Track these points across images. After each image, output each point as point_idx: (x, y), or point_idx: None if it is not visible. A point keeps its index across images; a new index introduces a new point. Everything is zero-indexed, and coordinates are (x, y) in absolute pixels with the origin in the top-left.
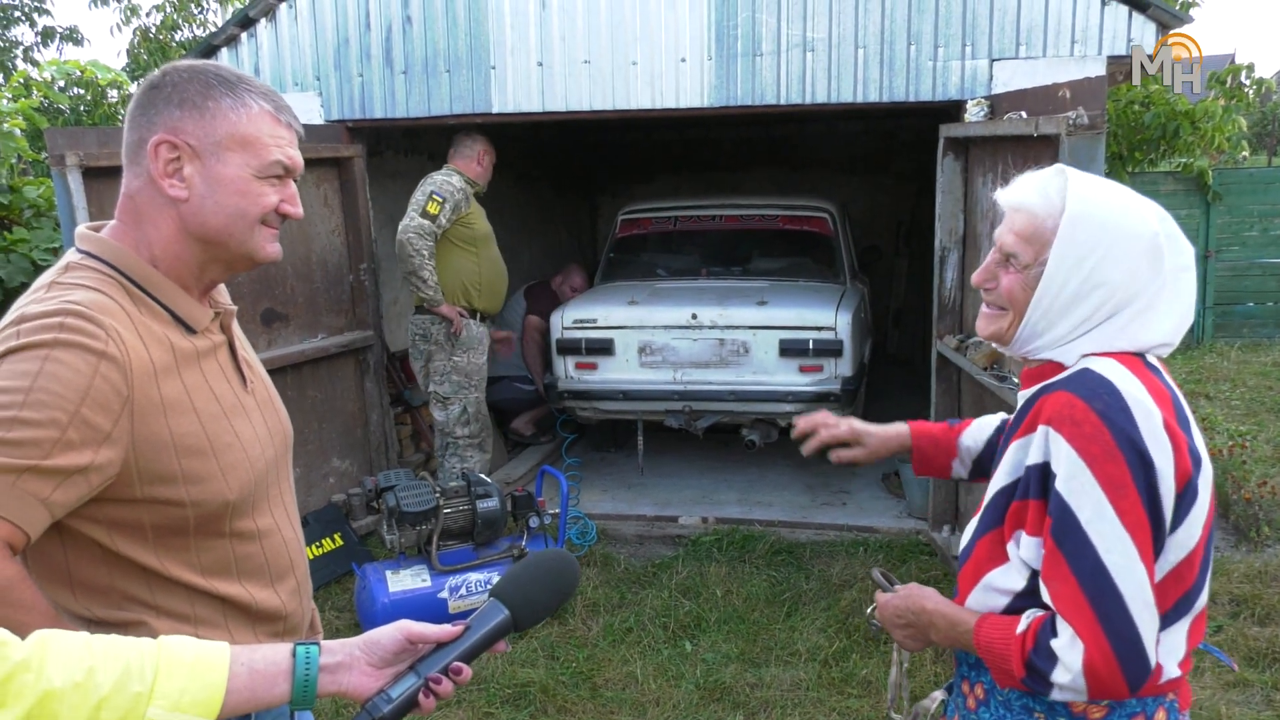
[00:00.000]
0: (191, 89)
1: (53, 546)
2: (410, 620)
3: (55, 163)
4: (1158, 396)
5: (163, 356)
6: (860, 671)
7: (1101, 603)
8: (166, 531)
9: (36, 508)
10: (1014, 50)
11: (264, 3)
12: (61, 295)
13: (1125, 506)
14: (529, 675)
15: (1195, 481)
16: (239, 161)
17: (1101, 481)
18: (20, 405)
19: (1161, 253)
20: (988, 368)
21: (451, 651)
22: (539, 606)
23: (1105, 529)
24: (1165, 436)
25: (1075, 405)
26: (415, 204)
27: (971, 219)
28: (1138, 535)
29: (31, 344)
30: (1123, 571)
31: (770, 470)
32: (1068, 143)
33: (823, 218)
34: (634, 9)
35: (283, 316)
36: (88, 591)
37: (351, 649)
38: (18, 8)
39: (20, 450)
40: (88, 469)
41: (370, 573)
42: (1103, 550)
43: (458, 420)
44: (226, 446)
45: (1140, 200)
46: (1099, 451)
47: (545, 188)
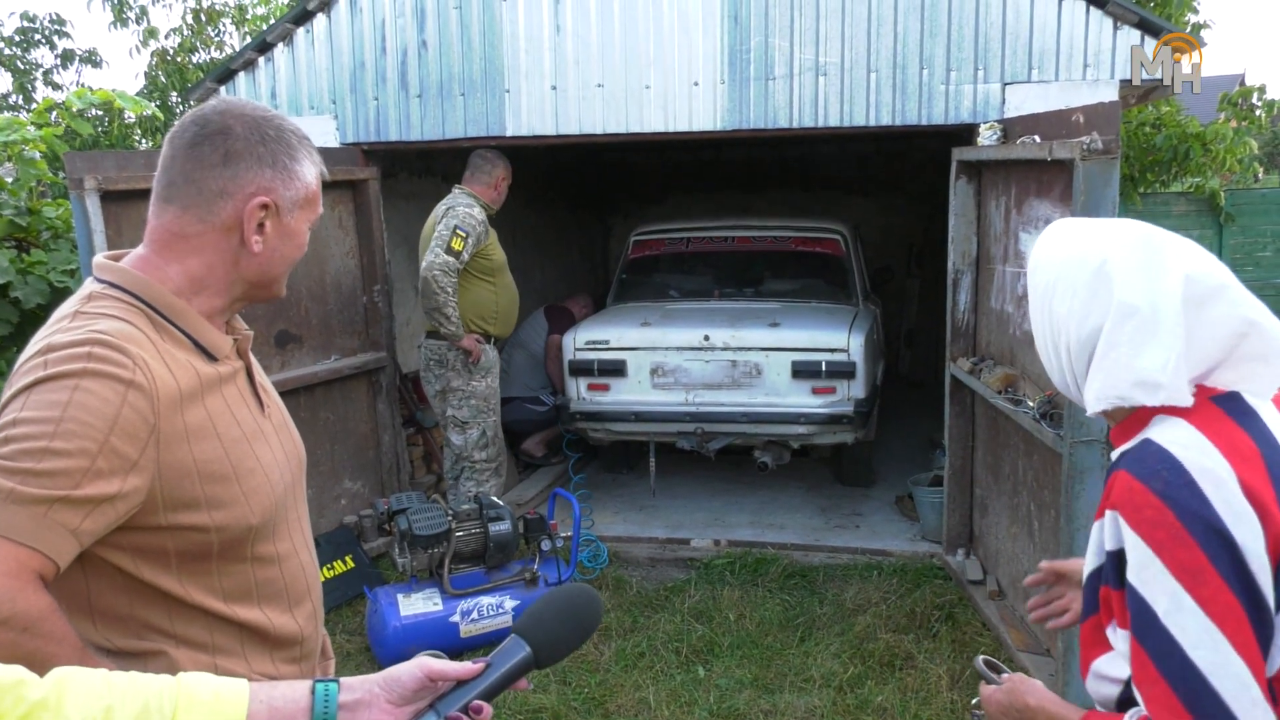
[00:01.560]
0: (280, 149)
1: (74, 575)
2: (431, 658)
3: (74, 186)
4: (1235, 455)
5: (188, 383)
6: (875, 698)
7: (1198, 707)
8: (190, 557)
9: (66, 538)
10: (1026, 74)
11: (281, 27)
12: (87, 325)
13: (1207, 594)
14: (541, 701)
15: None
16: (305, 218)
17: (1174, 570)
18: (51, 436)
19: (1110, 279)
20: (1002, 391)
21: (472, 690)
22: (561, 644)
23: (1187, 622)
24: (1245, 504)
25: (1134, 489)
26: (440, 239)
27: (984, 241)
28: (1227, 625)
29: (60, 374)
30: (1216, 668)
31: (782, 492)
32: (1081, 168)
33: (835, 239)
34: (647, 33)
35: (296, 338)
36: (108, 620)
37: (371, 686)
38: (38, 30)
39: (52, 481)
40: (115, 497)
41: (382, 596)
42: (1188, 647)
43: (476, 444)
44: (249, 471)
45: (1098, 228)
46: (1165, 537)
47: (558, 208)
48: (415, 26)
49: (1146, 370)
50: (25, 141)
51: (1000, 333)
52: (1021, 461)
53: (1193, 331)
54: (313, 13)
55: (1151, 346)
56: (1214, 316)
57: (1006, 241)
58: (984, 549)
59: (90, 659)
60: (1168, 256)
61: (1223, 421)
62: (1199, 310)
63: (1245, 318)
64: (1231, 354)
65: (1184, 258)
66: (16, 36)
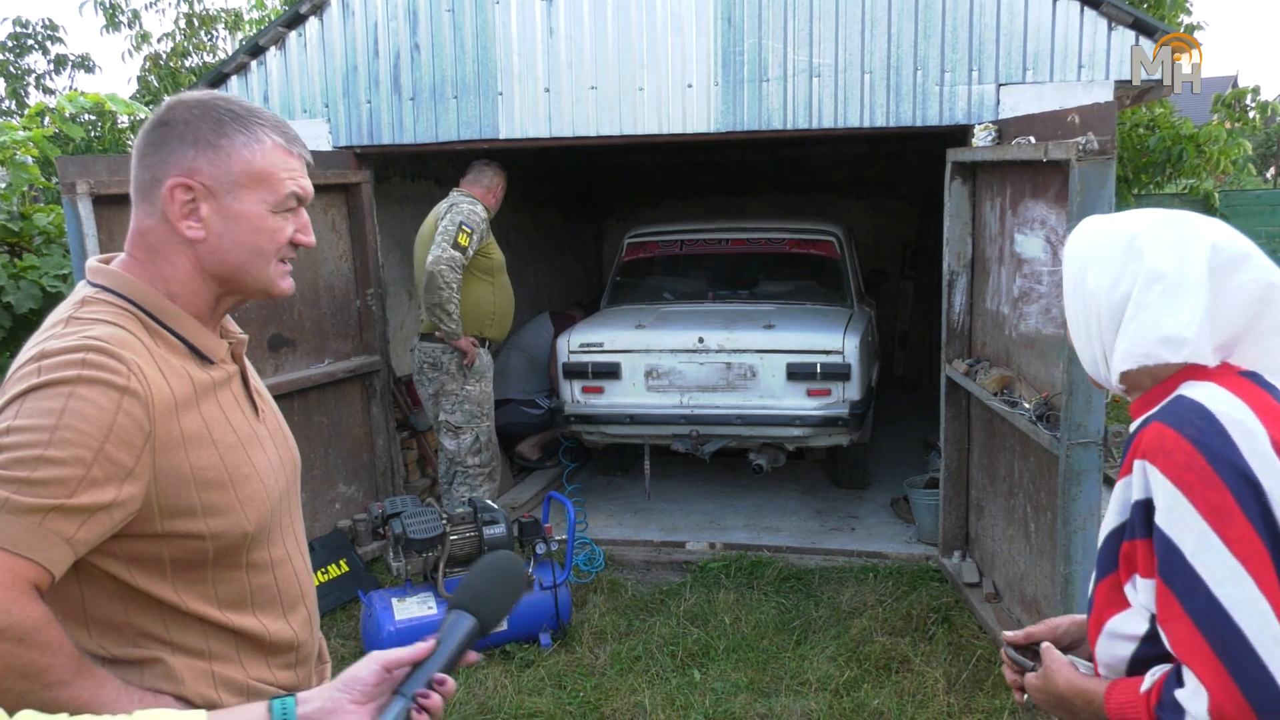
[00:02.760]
0: (204, 126)
1: (69, 584)
2: (379, 650)
3: (66, 190)
4: (1265, 413)
5: (183, 389)
6: (872, 702)
7: (1222, 642)
8: (185, 565)
9: (61, 547)
10: (1021, 75)
11: (273, 31)
12: (81, 330)
13: (1234, 534)
14: (536, 705)
15: None
16: (255, 198)
17: (1202, 510)
18: (45, 444)
19: (1140, 250)
20: (998, 392)
21: (430, 666)
22: (498, 606)
23: (1213, 561)
24: (1274, 456)
25: (1165, 435)
26: (445, 234)
27: (980, 243)
28: (1253, 564)
29: (54, 380)
30: (1241, 605)
31: (778, 495)
32: (1078, 168)
33: (829, 241)
34: (641, 36)
35: (290, 342)
36: (103, 629)
37: (330, 692)
38: (31, 36)
39: (46, 490)
40: (111, 505)
41: (376, 600)
42: (1214, 584)
43: (469, 449)
44: (245, 478)
45: (1136, 212)
46: (1194, 479)
47: (551, 212)
48: (408, 29)
49: (1173, 327)
50: (16, 145)
51: (996, 334)
52: (1018, 463)
53: (1218, 296)
54: (305, 16)
55: (1178, 307)
56: (1238, 283)
57: (1002, 243)
58: (980, 551)
59: (87, 669)
60: (1195, 228)
61: (1251, 387)
62: (1224, 277)
63: (1269, 283)
64: (1255, 322)
65: (1210, 229)
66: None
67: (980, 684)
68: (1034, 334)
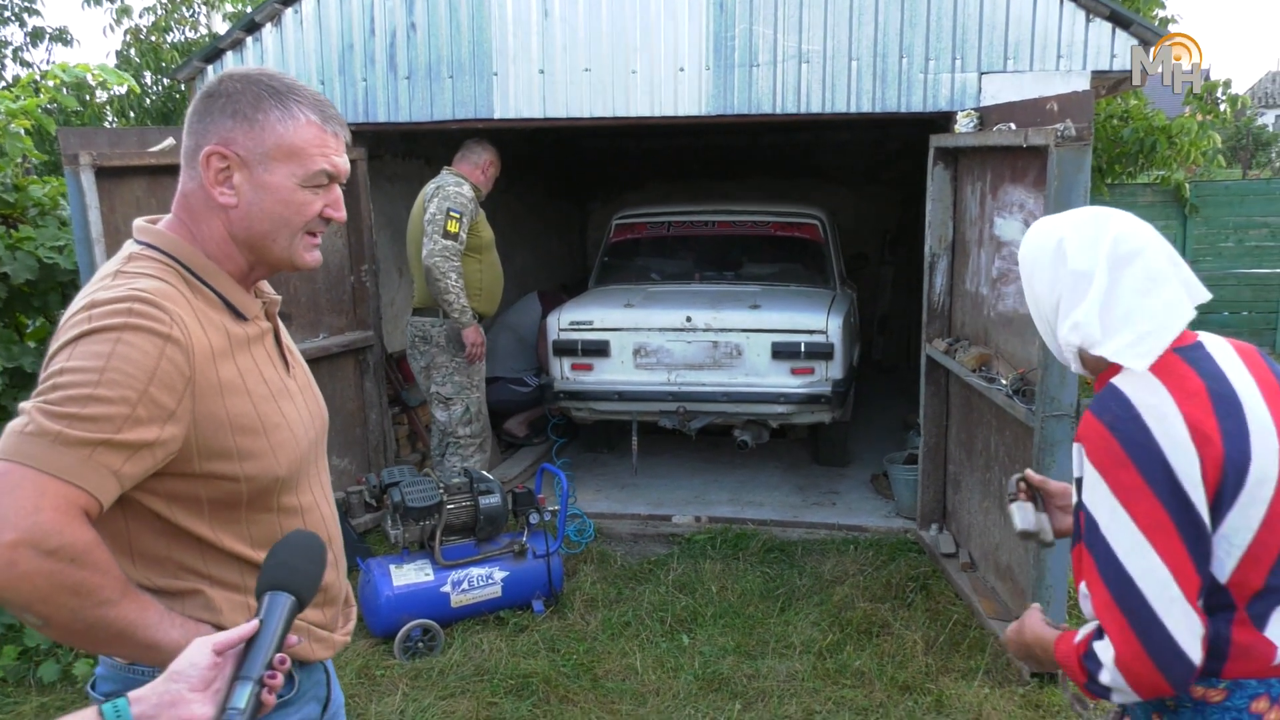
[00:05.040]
0: (244, 100)
1: (115, 518)
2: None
3: (69, 162)
4: (1182, 393)
5: (220, 341)
6: (854, 663)
7: (1127, 604)
8: (221, 505)
9: (109, 478)
10: (1002, 64)
11: (270, 7)
12: (128, 283)
13: (1140, 510)
14: (531, 666)
15: (1245, 469)
16: (285, 171)
17: (1114, 489)
18: (95, 384)
19: (1065, 254)
20: (976, 369)
21: (264, 644)
22: (307, 576)
23: (1121, 534)
24: (1185, 435)
25: (1089, 421)
26: (434, 223)
27: (960, 226)
28: (1156, 536)
29: (103, 327)
30: (1143, 573)
31: (761, 471)
32: (1055, 154)
33: (814, 224)
34: (634, 19)
35: (285, 316)
36: (146, 561)
37: (165, 685)
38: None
39: (96, 425)
40: (154, 444)
41: (375, 567)
42: (1122, 554)
43: (460, 420)
44: (275, 426)
45: (1064, 216)
46: (1109, 461)
47: (538, 193)
48: (404, 8)
49: (1077, 318)
50: (10, 115)
51: (975, 314)
52: (994, 438)
53: (1115, 283)
54: None
55: (1084, 300)
56: (1131, 271)
57: (982, 226)
58: (957, 524)
59: (133, 592)
60: (1105, 225)
61: (1177, 365)
62: (1122, 266)
63: (1154, 273)
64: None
65: (1117, 225)
66: None
67: (956, 646)
68: (1011, 313)
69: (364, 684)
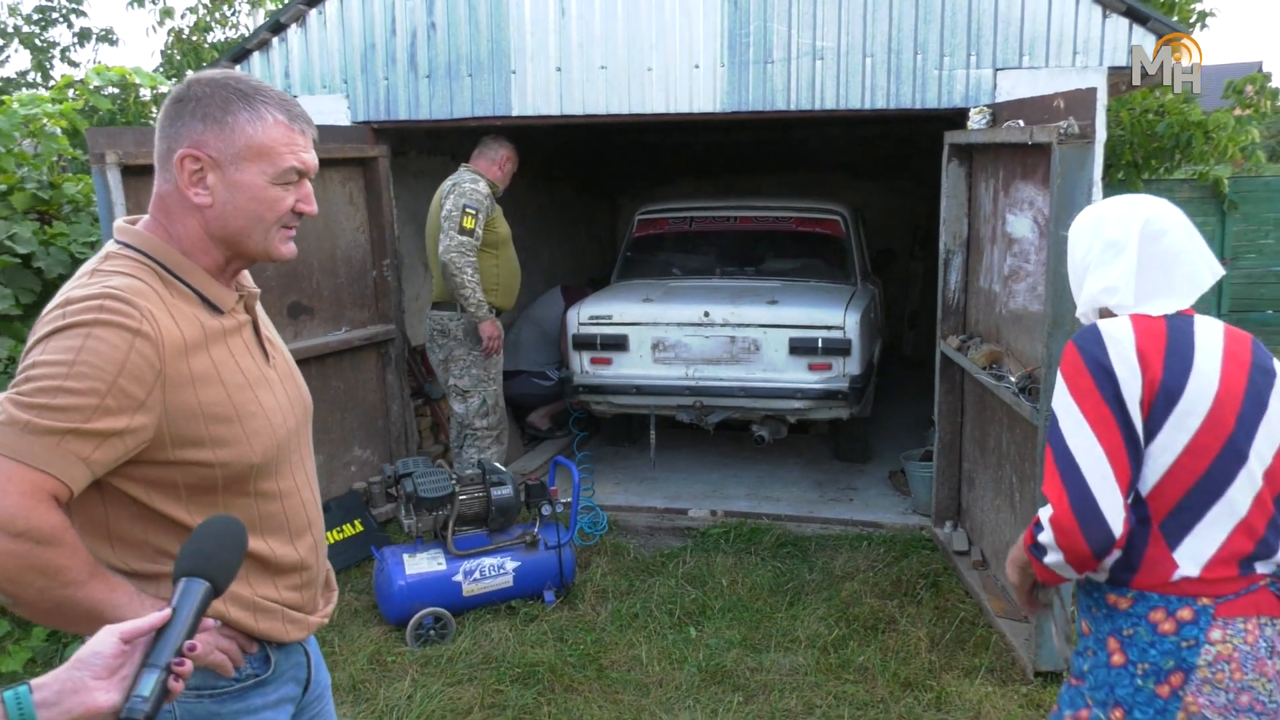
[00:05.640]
0: (213, 104)
1: (94, 504)
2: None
3: (96, 161)
4: (1143, 331)
5: (192, 334)
6: (858, 658)
7: (1066, 474)
8: (197, 490)
9: (78, 465)
10: (1017, 60)
11: (295, 8)
12: (102, 281)
13: (1089, 406)
14: (538, 656)
15: (1176, 397)
16: (256, 170)
17: (1072, 390)
18: (65, 376)
19: (1101, 225)
20: (987, 366)
21: (174, 631)
22: (225, 565)
23: (1071, 423)
24: (1133, 357)
25: (1067, 345)
26: (450, 219)
27: (975, 222)
28: (1099, 428)
29: (75, 323)
30: (1083, 451)
31: (781, 467)
32: (1058, 151)
33: (835, 220)
34: (650, 17)
35: (309, 310)
36: (125, 545)
37: (69, 673)
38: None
39: (64, 415)
40: (124, 432)
41: (388, 555)
42: (1068, 437)
43: (477, 412)
44: (250, 415)
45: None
46: (1071, 370)
47: (566, 188)
48: (424, 8)
49: (1110, 279)
50: (46, 116)
51: (988, 311)
52: (1005, 435)
53: (1144, 257)
54: None
55: (1116, 264)
56: (1160, 248)
57: (995, 223)
58: (970, 521)
59: (102, 574)
60: (1139, 207)
61: (1153, 319)
62: (1151, 243)
63: (1178, 250)
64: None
65: (1149, 207)
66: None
67: (962, 644)
68: (1021, 311)
69: (375, 669)
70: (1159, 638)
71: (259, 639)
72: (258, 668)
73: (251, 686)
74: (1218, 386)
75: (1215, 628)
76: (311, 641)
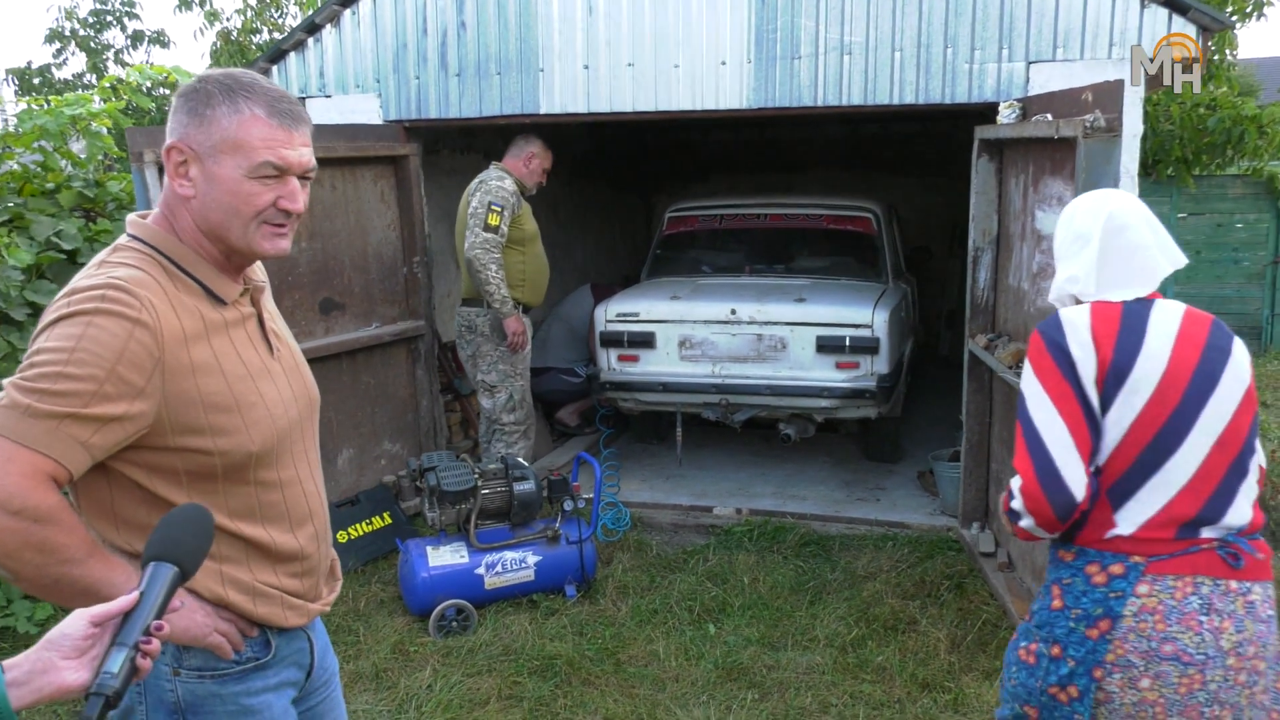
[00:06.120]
0: (198, 98)
1: (100, 487)
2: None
3: (135, 159)
4: (1099, 316)
5: (193, 325)
6: (876, 658)
7: (1032, 446)
8: (197, 477)
9: (76, 449)
10: (1051, 53)
11: (329, 9)
12: (107, 272)
13: (1049, 383)
14: (556, 649)
15: (1125, 374)
16: (231, 164)
17: (1035, 371)
18: (65, 363)
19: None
20: (1013, 365)
21: (143, 614)
22: (193, 551)
23: (1033, 399)
24: (1088, 339)
25: (1032, 332)
26: (476, 216)
27: (1005, 220)
28: (1060, 403)
29: (77, 312)
30: (1044, 424)
31: (809, 466)
32: (1084, 145)
33: (867, 218)
34: (676, 14)
35: (340, 306)
36: (129, 527)
37: (39, 654)
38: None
39: (64, 400)
40: (123, 418)
41: (412, 548)
42: (1032, 413)
43: (504, 407)
44: (250, 405)
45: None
46: (1034, 353)
47: (601, 186)
48: (454, 8)
49: (1074, 269)
50: (91, 116)
51: (1016, 309)
52: None
53: (1106, 249)
54: None
55: (1081, 256)
56: (1120, 241)
57: (1024, 219)
58: (997, 522)
59: (100, 553)
60: (1105, 201)
61: (1111, 305)
62: (1113, 236)
63: (1137, 244)
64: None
65: (1114, 202)
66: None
67: (984, 646)
68: (1050, 309)
69: (397, 658)
70: (1091, 588)
71: (258, 623)
72: (258, 651)
73: (252, 669)
74: (1167, 364)
75: (1143, 583)
76: (318, 627)
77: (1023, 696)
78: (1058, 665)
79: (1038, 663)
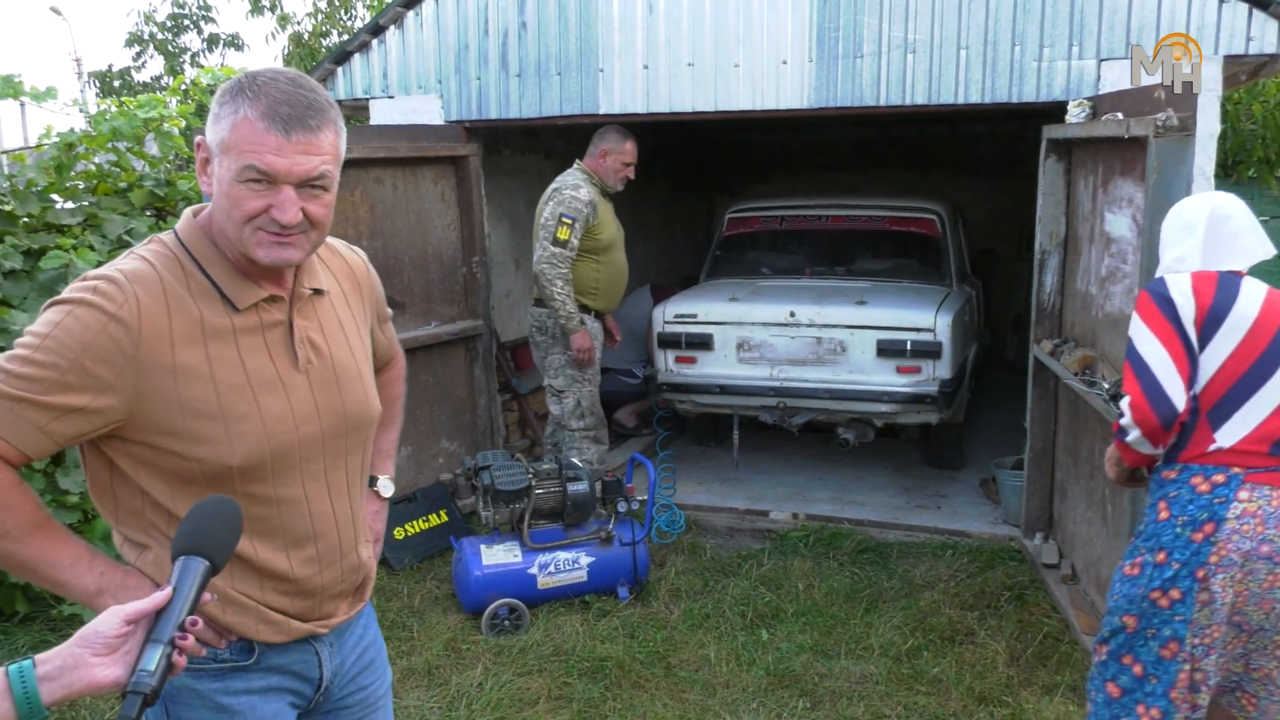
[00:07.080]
0: (219, 96)
1: (102, 469)
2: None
3: None
4: (1200, 279)
5: (185, 327)
6: (931, 670)
7: (1139, 371)
8: (179, 478)
9: (34, 433)
10: (1124, 50)
11: (393, 11)
12: (119, 264)
13: (1153, 324)
14: (608, 651)
15: (1222, 318)
16: (226, 165)
17: (1141, 315)
18: (35, 348)
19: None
20: (1080, 372)
21: (176, 611)
22: (222, 544)
23: (1140, 335)
24: (1189, 290)
25: (1141, 290)
26: (545, 229)
27: (1073, 222)
28: (1162, 336)
29: (66, 299)
30: (1149, 353)
31: (868, 472)
32: (1155, 145)
33: (930, 219)
34: (737, 13)
35: (400, 304)
36: (126, 511)
37: (70, 649)
38: (187, 16)
39: (24, 383)
40: (85, 410)
41: (466, 546)
42: (1139, 345)
43: (572, 414)
44: (240, 416)
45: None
46: (1141, 303)
47: (662, 187)
48: (515, 8)
49: (1181, 251)
50: (164, 118)
51: (1084, 314)
52: (1098, 444)
53: (1210, 237)
54: None
55: (1187, 241)
56: (1223, 230)
57: (1093, 221)
58: (1062, 533)
59: (44, 532)
60: (1209, 198)
61: (1208, 273)
62: (1216, 226)
63: (1235, 232)
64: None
65: (1218, 199)
66: (168, 22)
67: (1045, 660)
68: (1118, 314)
69: (450, 656)
70: (1196, 496)
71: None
72: (237, 655)
73: (230, 670)
74: (1257, 315)
75: (1244, 489)
76: (347, 645)
77: (1124, 607)
78: (1161, 570)
79: (1141, 572)
